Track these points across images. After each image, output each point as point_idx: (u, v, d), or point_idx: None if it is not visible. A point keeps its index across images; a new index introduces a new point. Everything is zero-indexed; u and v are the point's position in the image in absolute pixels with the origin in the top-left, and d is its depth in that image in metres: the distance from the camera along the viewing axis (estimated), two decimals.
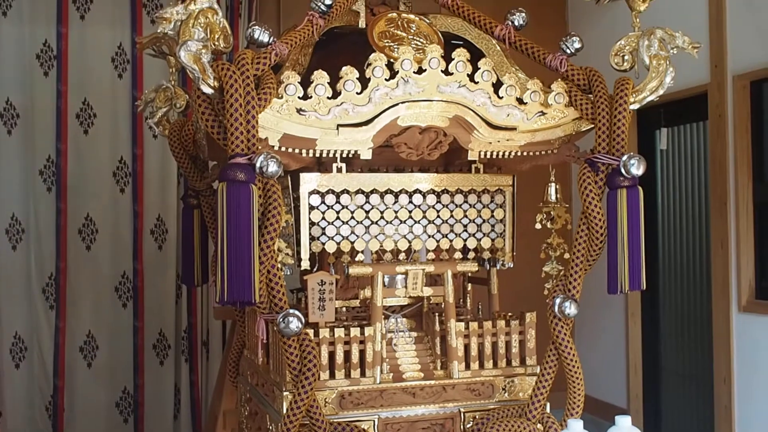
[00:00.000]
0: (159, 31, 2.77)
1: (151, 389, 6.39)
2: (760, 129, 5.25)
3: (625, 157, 3.01)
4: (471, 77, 3.05)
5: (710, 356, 5.64)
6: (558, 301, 3.12)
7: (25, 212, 6.24)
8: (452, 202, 3.30)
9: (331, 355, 3.16)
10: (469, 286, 3.70)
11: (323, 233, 3.15)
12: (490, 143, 3.13)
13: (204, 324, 6.46)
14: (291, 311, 2.81)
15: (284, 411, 2.93)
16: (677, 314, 6.36)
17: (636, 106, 3.14)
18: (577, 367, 3.18)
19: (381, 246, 3.23)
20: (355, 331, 3.16)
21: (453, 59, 3.03)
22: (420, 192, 3.26)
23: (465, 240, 3.32)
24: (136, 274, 6.40)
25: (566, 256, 3.23)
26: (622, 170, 3.02)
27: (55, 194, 6.24)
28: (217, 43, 2.81)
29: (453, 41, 3.45)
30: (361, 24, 3.45)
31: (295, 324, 2.80)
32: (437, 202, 3.29)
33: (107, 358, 6.37)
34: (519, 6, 3.31)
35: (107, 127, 6.35)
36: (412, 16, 3.39)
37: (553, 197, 3.41)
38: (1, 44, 6.10)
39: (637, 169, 3.00)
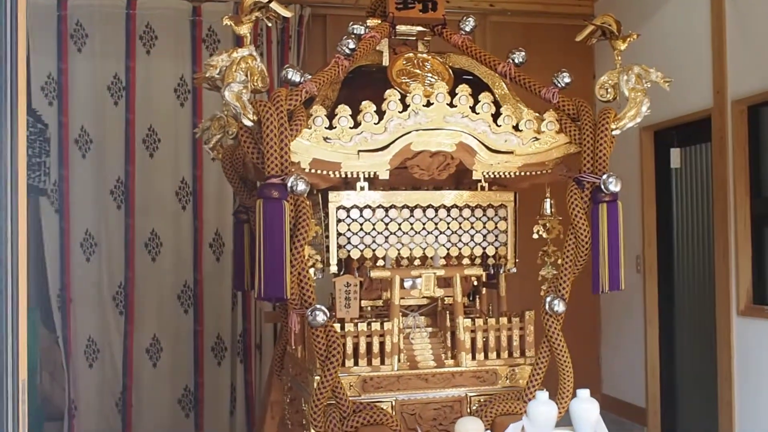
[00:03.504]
0: (207, 75, 3.30)
1: (210, 387, 6.68)
2: (756, 149, 5.53)
3: (604, 176, 3.39)
4: (473, 109, 3.48)
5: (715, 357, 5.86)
6: (549, 299, 3.50)
7: (97, 228, 6.58)
8: (461, 215, 3.71)
9: (356, 346, 3.58)
10: (484, 290, 4.08)
11: (349, 242, 3.59)
12: (491, 165, 3.56)
13: (257, 329, 6.76)
14: (318, 306, 3.27)
15: (313, 391, 3.38)
16: (690, 320, 6.56)
17: (617, 132, 3.50)
18: (566, 357, 3.54)
19: (399, 253, 3.65)
20: (375, 326, 3.59)
21: (457, 94, 3.48)
22: (433, 207, 3.67)
23: (472, 248, 3.72)
24: (196, 284, 6.71)
25: (560, 261, 3.58)
26: (603, 187, 3.39)
27: (124, 212, 6.58)
28: (256, 83, 3.31)
29: (464, 76, 3.87)
30: (385, 62, 3.87)
31: (321, 317, 3.26)
32: (448, 215, 3.70)
33: (170, 359, 6.67)
34: (548, 35, 3.66)
35: (170, 151, 6.68)
36: (425, 55, 3.83)
37: (548, 211, 3.81)
38: (76, 78, 6.49)
39: (615, 186, 3.38)
